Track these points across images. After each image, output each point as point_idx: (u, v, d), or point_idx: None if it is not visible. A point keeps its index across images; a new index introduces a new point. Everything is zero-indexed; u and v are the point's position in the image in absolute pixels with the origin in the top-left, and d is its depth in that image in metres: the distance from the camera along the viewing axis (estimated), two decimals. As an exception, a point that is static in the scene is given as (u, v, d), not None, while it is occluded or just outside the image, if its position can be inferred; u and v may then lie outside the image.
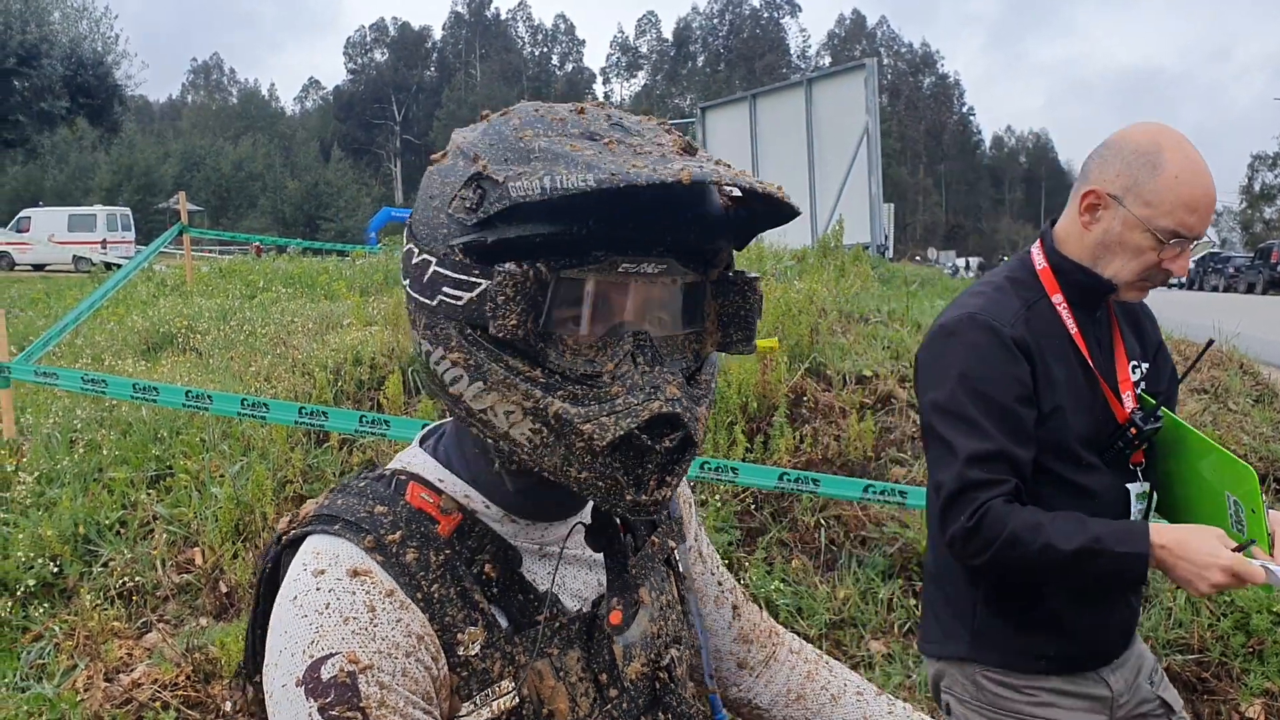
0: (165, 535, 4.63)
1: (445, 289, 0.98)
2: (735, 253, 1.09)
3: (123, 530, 4.76)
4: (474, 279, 0.96)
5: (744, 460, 4.69)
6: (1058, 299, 2.21)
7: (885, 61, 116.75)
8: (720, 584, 1.45)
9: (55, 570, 4.52)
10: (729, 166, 0.96)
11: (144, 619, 4.26)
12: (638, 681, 1.15)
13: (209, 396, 4.97)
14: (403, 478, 1.11)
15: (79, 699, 3.78)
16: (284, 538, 1.10)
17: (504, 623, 1.06)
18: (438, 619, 1.02)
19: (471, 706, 1.02)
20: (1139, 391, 2.24)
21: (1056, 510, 2.08)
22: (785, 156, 16.33)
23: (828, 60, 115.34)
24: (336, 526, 1.04)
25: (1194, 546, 1.97)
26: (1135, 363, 2.27)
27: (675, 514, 1.32)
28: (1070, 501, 2.12)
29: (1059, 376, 2.17)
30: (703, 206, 0.99)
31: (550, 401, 0.95)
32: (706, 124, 18.52)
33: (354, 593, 0.99)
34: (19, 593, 4.38)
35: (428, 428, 1.22)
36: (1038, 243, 2.28)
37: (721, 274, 1.05)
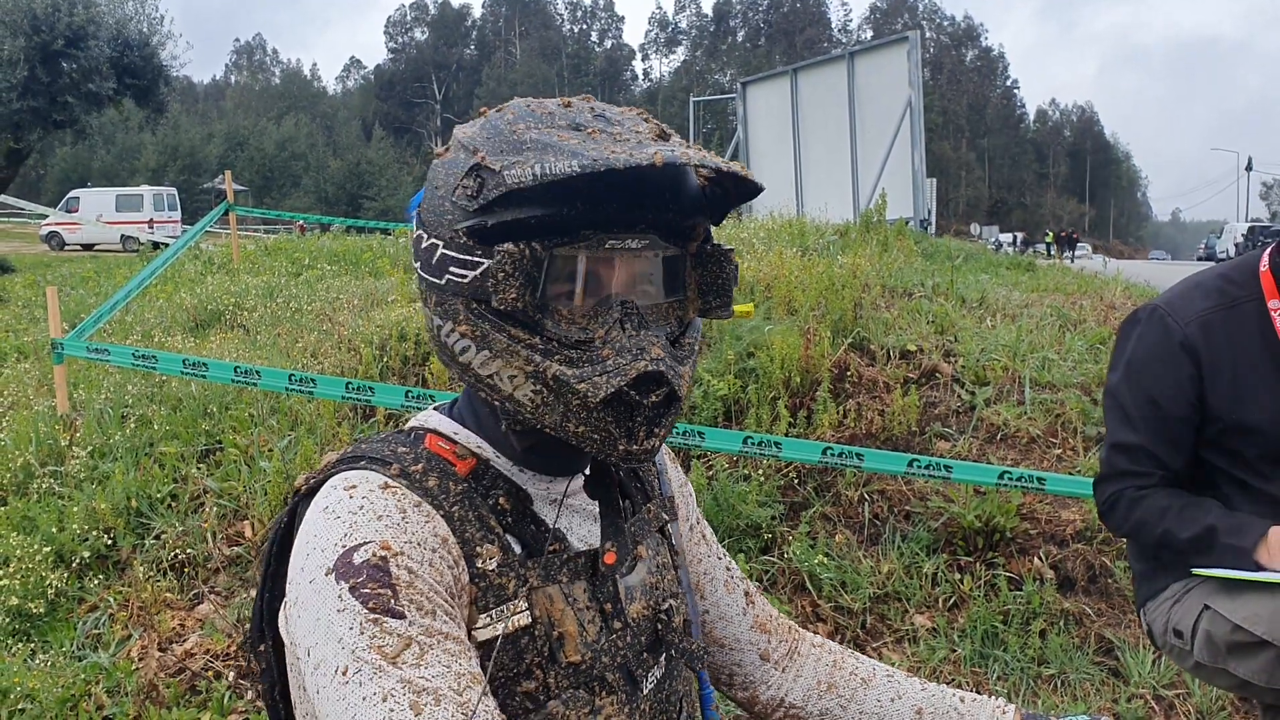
0: (215, 508, 4.70)
1: (452, 269, 1.09)
2: (714, 228, 1.20)
3: (174, 504, 4.84)
4: (476, 259, 1.07)
5: (787, 435, 4.68)
6: (1274, 304, 2.15)
7: (927, 35, 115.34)
8: (729, 569, 1.51)
9: (109, 543, 4.60)
10: (700, 150, 1.06)
11: (196, 590, 4.33)
12: (640, 621, 1.24)
13: (257, 372, 5.03)
14: (421, 431, 1.22)
15: (134, 668, 3.86)
16: (302, 489, 1.17)
17: (518, 549, 1.15)
18: (459, 533, 1.11)
19: (488, 619, 1.10)
20: None
21: (1238, 511, 2.10)
22: (827, 130, 16.20)
23: (869, 34, 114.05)
24: (362, 463, 1.14)
25: None
26: None
27: (667, 493, 1.40)
28: (1264, 510, 2.11)
29: (1249, 382, 2.12)
30: (679, 187, 1.10)
31: (549, 365, 1.06)
32: (747, 99, 18.38)
33: (385, 500, 1.08)
34: (74, 564, 4.47)
35: (442, 401, 1.33)
36: (1274, 245, 2.22)
37: (699, 247, 1.17)
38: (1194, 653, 2.14)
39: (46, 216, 30.94)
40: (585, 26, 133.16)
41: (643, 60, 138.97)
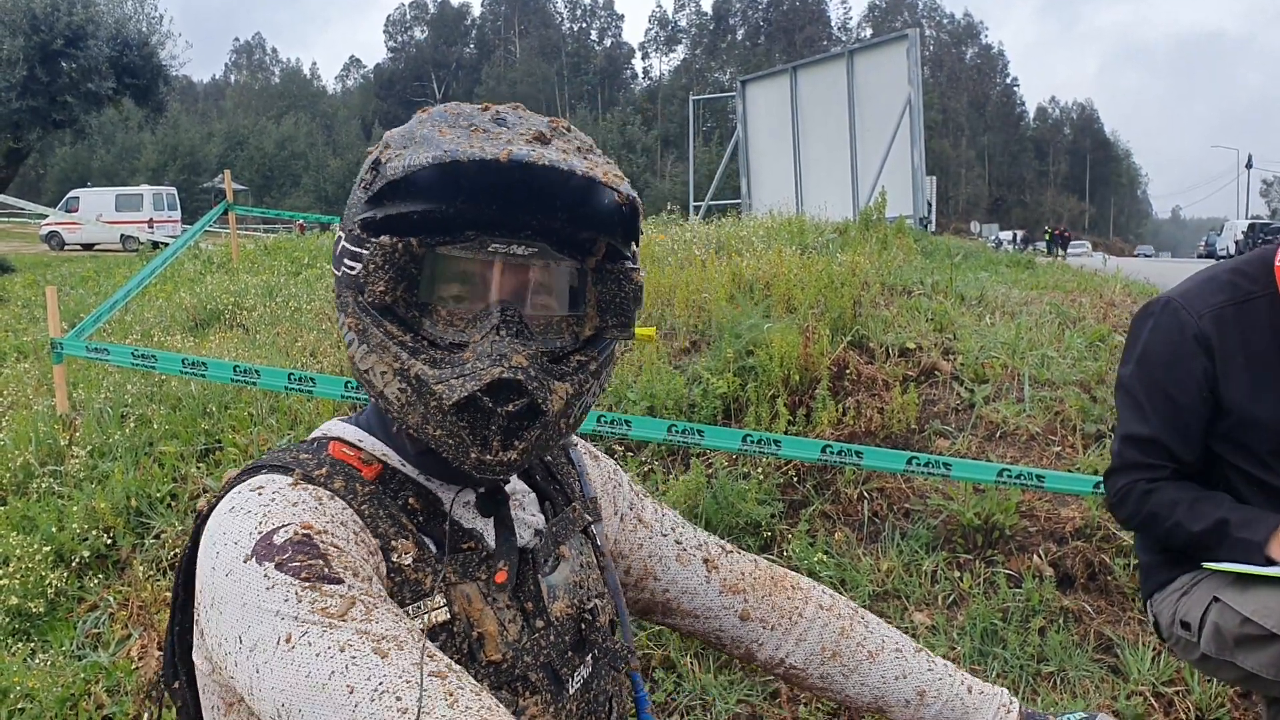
0: (215, 508, 4.70)
1: (346, 260, 1.09)
2: (634, 245, 1.15)
3: (174, 503, 4.84)
4: (363, 251, 1.06)
5: (787, 433, 4.68)
6: None
7: (927, 33, 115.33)
8: (679, 543, 1.46)
9: (109, 542, 4.61)
10: (583, 156, 1.05)
11: (196, 589, 4.33)
12: (563, 620, 1.21)
13: (257, 371, 5.03)
14: (324, 439, 1.19)
15: (134, 667, 3.86)
16: (204, 512, 1.12)
17: (433, 548, 1.12)
18: (372, 528, 1.08)
19: (406, 615, 1.05)
20: None
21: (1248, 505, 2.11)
22: (827, 129, 16.17)
23: (869, 32, 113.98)
24: (263, 470, 1.10)
25: None
26: None
27: (589, 494, 1.36)
28: (1275, 504, 2.12)
29: (1261, 376, 2.13)
30: (577, 197, 1.05)
31: (413, 364, 1.04)
32: (747, 97, 18.35)
33: (298, 492, 1.05)
34: (74, 564, 4.47)
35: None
36: None
37: (600, 263, 1.13)
38: (1201, 645, 2.14)
39: (46, 216, 30.92)
40: (585, 25, 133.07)
41: (642, 59, 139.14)
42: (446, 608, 1.10)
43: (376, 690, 0.87)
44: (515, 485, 1.28)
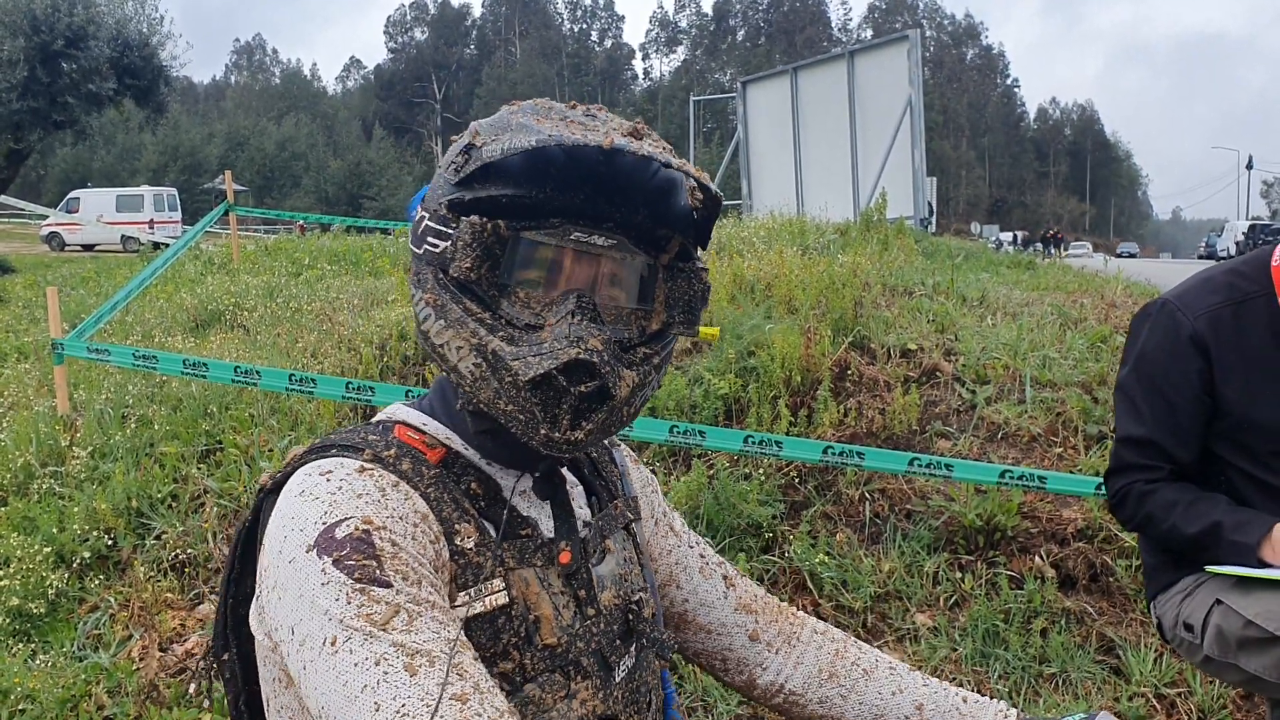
0: (216, 508, 4.70)
1: (429, 239, 1.14)
2: (701, 249, 1.23)
3: (174, 504, 4.83)
4: (450, 230, 1.11)
5: (788, 434, 4.68)
6: None
7: (927, 33, 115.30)
8: (703, 556, 1.51)
9: (110, 543, 4.60)
10: (667, 152, 1.10)
11: (196, 590, 4.33)
12: (612, 609, 1.25)
13: (257, 372, 5.02)
14: (389, 422, 1.24)
15: (134, 668, 3.85)
16: (268, 485, 1.17)
17: (492, 532, 1.16)
18: (436, 512, 1.12)
19: (467, 597, 1.11)
20: None
21: (1251, 507, 2.11)
22: (827, 129, 16.17)
23: (869, 33, 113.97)
24: (332, 451, 1.14)
25: None
26: None
27: (630, 493, 1.41)
28: (1274, 505, 2.12)
29: (1259, 377, 2.13)
30: (657, 193, 1.12)
31: (490, 340, 1.09)
32: (747, 98, 18.35)
33: (364, 480, 1.08)
34: (75, 565, 4.46)
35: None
36: None
37: (672, 260, 1.19)
38: (1204, 647, 2.14)
39: (47, 217, 30.91)
40: (585, 26, 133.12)
41: (643, 60, 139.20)
42: (505, 591, 1.14)
43: (399, 712, 0.92)
44: (565, 477, 1.31)
